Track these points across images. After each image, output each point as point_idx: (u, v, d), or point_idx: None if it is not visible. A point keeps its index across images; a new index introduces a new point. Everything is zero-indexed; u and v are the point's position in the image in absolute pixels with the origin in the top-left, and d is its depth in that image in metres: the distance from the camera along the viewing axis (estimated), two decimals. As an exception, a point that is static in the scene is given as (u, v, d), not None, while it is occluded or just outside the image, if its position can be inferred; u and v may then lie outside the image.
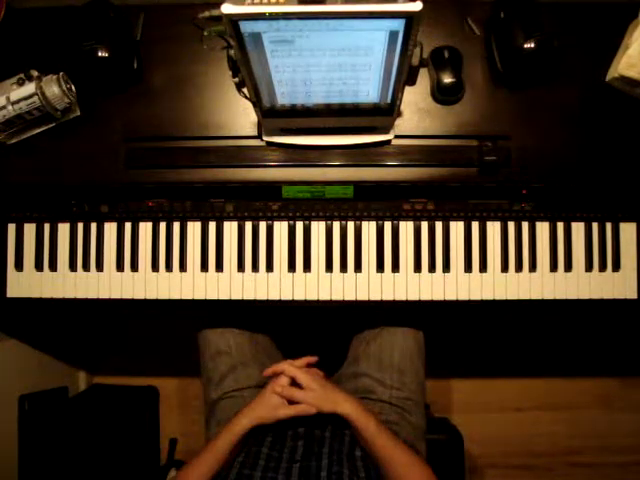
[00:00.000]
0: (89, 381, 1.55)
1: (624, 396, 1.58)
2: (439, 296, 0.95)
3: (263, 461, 0.77)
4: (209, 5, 0.91)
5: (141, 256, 0.96)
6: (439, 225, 0.95)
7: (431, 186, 0.93)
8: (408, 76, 0.74)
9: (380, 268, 0.95)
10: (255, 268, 0.95)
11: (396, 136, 0.92)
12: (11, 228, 0.97)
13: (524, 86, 0.93)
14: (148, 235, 0.96)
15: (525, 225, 0.95)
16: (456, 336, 1.56)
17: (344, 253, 0.95)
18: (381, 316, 1.00)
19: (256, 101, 0.79)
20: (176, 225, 0.96)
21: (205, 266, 0.95)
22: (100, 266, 0.96)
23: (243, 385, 0.97)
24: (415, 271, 0.95)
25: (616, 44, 0.92)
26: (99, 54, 0.87)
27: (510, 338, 1.57)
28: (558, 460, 1.58)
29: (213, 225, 0.96)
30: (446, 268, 0.95)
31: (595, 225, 0.95)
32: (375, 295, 0.95)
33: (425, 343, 1.00)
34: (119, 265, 0.96)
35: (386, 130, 0.91)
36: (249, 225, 0.96)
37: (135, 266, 0.96)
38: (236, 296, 0.95)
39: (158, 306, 0.96)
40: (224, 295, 0.95)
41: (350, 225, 0.96)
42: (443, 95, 0.92)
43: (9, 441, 1.13)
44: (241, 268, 0.95)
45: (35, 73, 0.89)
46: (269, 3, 0.59)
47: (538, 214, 0.94)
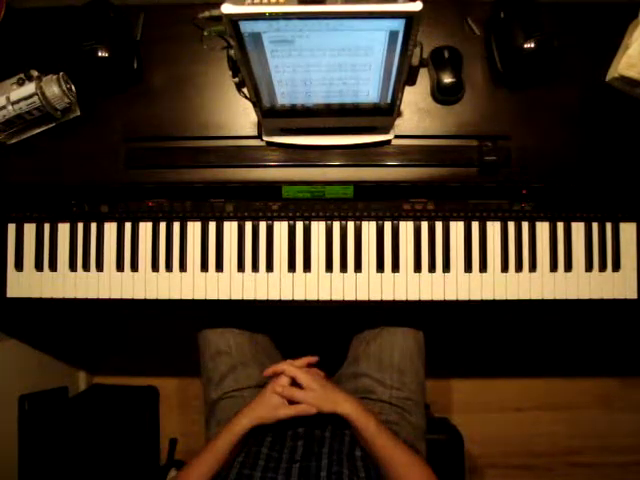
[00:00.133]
0: (89, 381, 1.55)
1: (624, 396, 1.58)
2: (439, 296, 0.95)
3: (263, 461, 0.77)
4: (209, 5, 0.91)
5: (141, 256, 0.96)
6: (439, 225, 0.95)
7: (431, 186, 0.93)
8: (408, 76, 0.74)
9: (380, 268, 0.95)
10: (255, 268, 0.95)
11: (396, 136, 0.92)
12: (11, 228, 0.97)
13: (524, 86, 0.93)
14: (148, 235, 0.96)
15: (525, 225, 0.95)
16: (456, 336, 1.56)
17: (344, 253, 0.95)
18: (381, 316, 1.00)
19: (256, 101, 0.79)
20: (176, 225, 0.96)
21: (205, 266, 0.95)
22: (100, 266, 0.96)
23: (243, 385, 0.97)
24: (415, 271, 0.95)
25: (616, 44, 0.92)
26: (99, 54, 0.87)
27: (510, 338, 1.57)
28: (558, 460, 1.58)
29: (213, 225, 0.96)
30: (446, 268, 0.95)
31: (595, 225, 0.95)
32: (375, 295, 0.95)
33: (425, 343, 1.01)
34: (119, 265, 0.96)
35: (386, 130, 0.91)
36: (249, 225, 0.96)
37: (135, 266, 0.96)
38: (236, 296, 0.95)
39: (158, 306, 0.96)
40: (224, 295, 0.95)
41: (350, 225, 0.96)
42: (443, 95, 0.92)
43: (9, 441, 1.13)
44: (241, 268, 0.95)
45: (35, 73, 0.89)
46: (269, 3, 0.59)
47: (538, 214, 0.94)
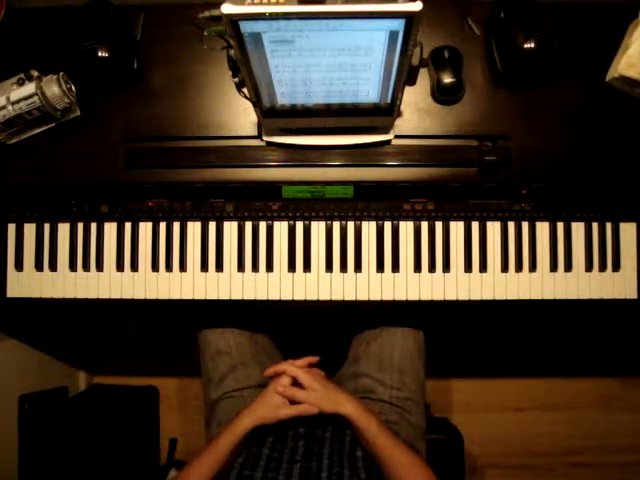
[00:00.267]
0: (89, 381, 1.55)
1: (624, 396, 1.58)
2: (439, 296, 0.95)
3: (264, 462, 0.77)
4: (209, 5, 0.91)
5: (141, 256, 0.96)
6: (439, 225, 0.95)
7: (431, 186, 0.93)
8: (408, 76, 0.74)
9: (380, 268, 0.95)
10: (255, 268, 0.95)
11: (396, 136, 0.92)
12: (11, 228, 0.97)
13: (524, 86, 0.93)
14: (148, 235, 0.96)
15: (525, 225, 0.95)
16: (456, 336, 1.56)
17: (344, 253, 0.95)
18: (381, 316, 1.00)
19: (256, 101, 0.79)
20: (176, 225, 0.96)
21: (205, 266, 0.95)
22: (100, 266, 0.96)
23: (243, 385, 0.97)
24: (415, 271, 0.95)
25: (616, 44, 0.92)
26: (99, 54, 0.87)
27: (510, 338, 1.57)
28: (558, 460, 1.58)
29: (213, 225, 0.96)
30: (446, 268, 0.95)
31: (595, 225, 0.95)
32: (375, 295, 0.95)
33: (425, 343, 1.01)
34: (119, 265, 0.96)
35: (386, 130, 0.91)
36: (249, 225, 0.96)
37: (135, 266, 0.96)
38: (236, 296, 0.95)
39: (158, 306, 0.96)
40: (224, 295, 0.95)
41: (350, 225, 0.96)
42: (443, 95, 0.92)
43: (9, 441, 1.13)
44: (241, 268, 0.95)
45: (35, 73, 0.89)
46: (269, 3, 0.59)
47: (538, 214, 0.94)
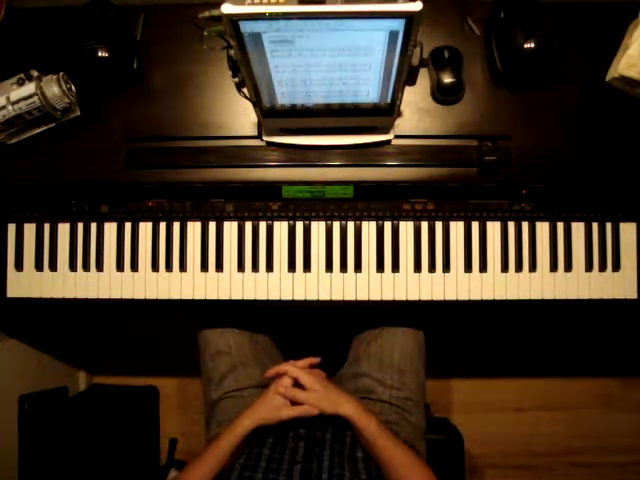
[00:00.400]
0: (89, 381, 1.55)
1: (624, 396, 1.58)
2: (439, 296, 0.95)
3: (264, 462, 0.77)
4: (209, 5, 0.91)
5: (141, 256, 0.96)
6: (439, 225, 0.95)
7: (431, 186, 0.93)
8: (408, 76, 0.74)
9: (380, 268, 0.95)
10: (255, 268, 0.95)
11: (396, 136, 0.92)
12: (11, 228, 0.97)
13: (524, 86, 0.93)
14: (148, 235, 0.96)
15: (525, 225, 0.95)
16: (456, 336, 1.56)
17: (344, 253, 0.95)
18: (381, 316, 1.00)
19: (256, 101, 0.79)
20: (176, 225, 0.96)
21: (205, 266, 0.95)
22: (100, 266, 0.96)
23: (243, 385, 0.97)
24: (415, 271, 0.95)
25: (616, 44, 0.92)
26: (99, 54, 0.87)
27: (510, 338, 1.57)
28: (558, 460, 1.58)
29: (213, 225, 0.96)
30: (446, 268, 0.95)
31: (595, 225, 0.95)
32: (375, 295, 0.95)
33: (425, 343, 1.01)
34: (119, 265, 0.96)
35: (386, 130, 0.91)
36: (249, 225, 0.96)
37: (135, 266, 0.96)
38: (236, 296, 0.95)
39: (158, 306, 0.96)
40: (224, 295, 0.95)
41: (350, 225, 0.96)
42: (443, 95, 0.92)
43: (9, 441, 1.13)
44: (241, 268, 0.95)
45: (35, 73, 0.89)
46: (269, 3, 0.59)
47: (538, 214, 0.94)
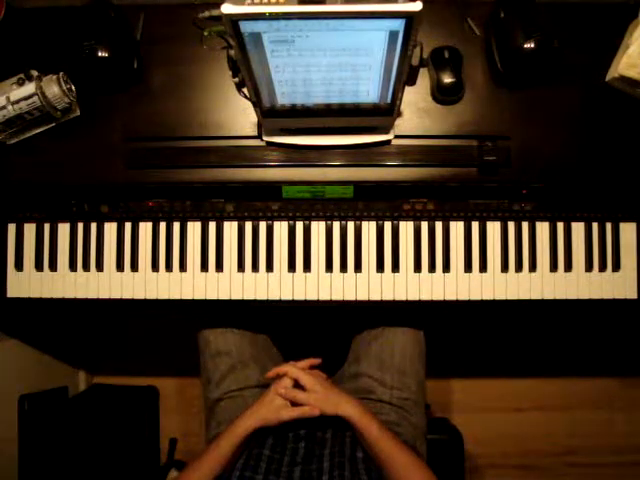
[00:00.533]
0: (89, 381, 1.55)
1: (624, 396, 1.58)
2: (439, 296, 0.95)
3: (264, 463, 0.77)
4: (209, 5, 0.91)
5: (141, 256, 0.96)
6: (439, 225, 0.95)
7: (431, 186, 0.93)
8: (408, 76, 0.74)
9: (380, 268, 0.95)
10: (255, 268, 0.95)
11: (396, 136, 0.92)
12: (11, 228, 0.97)
13: (524, 86, 0.93)
14: (148, 235, 0.96)
15: (525, 225, 0.95)
16: (456, 336, 1.56)
17: (344, 253, 0.95)
18: (381, 316, 1.00)
19: (256, 101, 0.79)
20: (176, 225, 0.96)
21: (205, 266, 0.95)
22: (100, 266, 0.96)
23: (243, 385, 0.97)
24: (415, 271, 0.95)
25: (616, 44, 0.92)
26: (99, 54, 0.87)
27: (510, 338, 1.57)
28: (558, 460, 1.58)
29: (213, 225, 0.96)
30: (446, 268, 0.95)
31: (595, 225, 0.95)
32: (375, 295, 0.95)
33: (425, 343, 1.00)
34: (119, 265, 0.96)
35: (386, 130, 0.91)
36: (249, 225, 0.96)
37: (135, 266, 0.96)
38: (236, 296, 0.95)
39: (158, 306, 0.96)
40: (224, 295, 0.95)
41: (350, 225, 0.96)
42: (443, 95, 0.92)
43: (9, 441, 1.13)
44: (241, 268, 0.95)
45: (35, 73, 0.89)
46: (269, 3, 0.59)
47: (538, 214, 0.94)
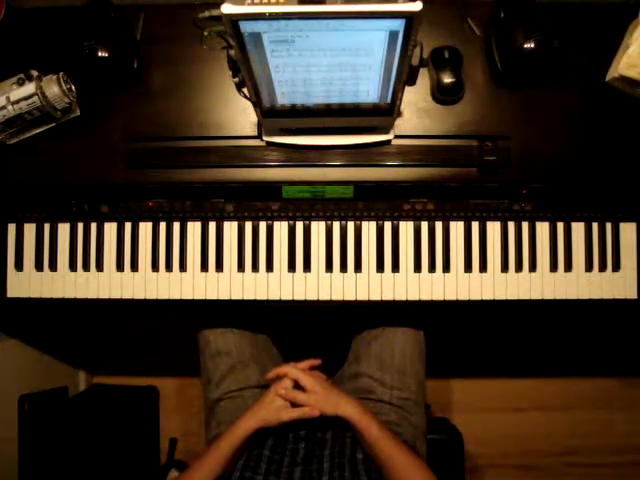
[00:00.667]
0: (89, 381, 1.55)
1: (624, 396, 1.58)
2: (439, 296, 0.95)
3: (265, 464, 0.77)
4: (209, 5, 0.91)
5: (141, 256, 0.96)
6: (439, 225, 0.95)
7: (431, 186, 0.93)
8: (408, 76, 0.74)
9: (380, 268, 0.95)
10: (255, 268, 0.95)
11: (396, 136, 0.92)
12: (11, 228, 0.97)
13: (524, 86, 0.93)
14: (148, 235, 0.96)
15: (525, 225, 0.95)
16: (456, 336, 1.56)
17: (344, 253, 0.95)
18: (381, 316, 1.00)
19: (256, 101, 0.79)
20: (176, 225, 0.96)
21: (205, 266, 0.95)
22: (100, 266, 0.96)
23: (243, 385, 0.97)
24: (415, 271, 0.95)
25: (616, 44, 0.92)
26: (99, 54, 0.87)
27: (510, 338, 1.57)
28: (558, 460, 1.58)
29: (213, 225, 0.96)
30: (446, 268, 0.95)
31: (595, 225, 0.95)
32: (375, 295, 0.95)
33: (425, 343, 1.00)
34: (119, 265, 0.96)
35: (386, 130, 0.91)
36: (249, 225, 0.96)
37: (135, 266, 0.96)
38: (236, 296, 0.95)
39: (158, 306, 0.96)
40: (224, 295, 0.95)
41: (350, 225, 0.96)
42: (443, 95, 0.92)
43: (9, 441, 1.13)
44: (241, 268, 0.95)
45: (35, 73, 0.89)
46: (269, 3, 0.59)
47: (538, 214, 0.94)
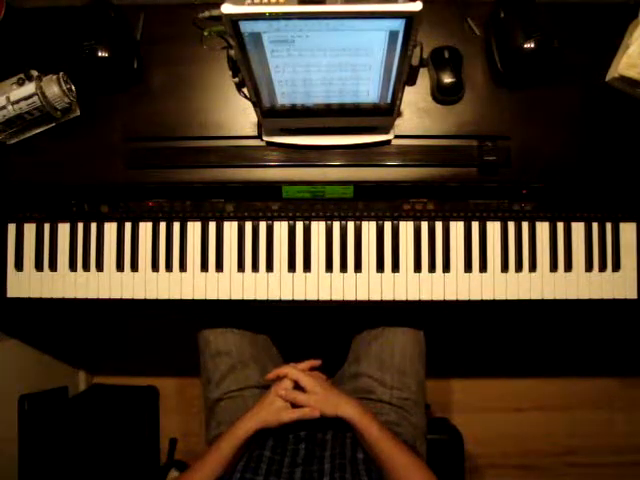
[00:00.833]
0: (89, 381, 1.55)
1: (624, 396, 1.58)
2: (439, 296, 0.95)
3: (265, 465, 0.77)
4: (209, 5, 0.91)
5: (141, 256, 0.96)
6: (439, 225, 0.95)
7: (431, 186, 0.93)
8: (408, 76, 0.74)
9: (380, 268, 0.95)
10: (255, 268, 0.95)
11: (396, 136, 0.92)
12: (11, 228, 0.97)
13: (524, 86, 0.93)
14: (148, 235, 0.96)
15: (525, 225, 0.95)
16: (456, 336, 1.56)
17: (344, 253, 0.95)
18: (381, 316, 1.00)
19: (256, 101, 0.79)
20: (176, 225, 0.96)
21: (205, 266, 0.95)
22: (100, 266, 0.96)
23: (243, 385, 0.97)
24: (415, 271, 0.95)
25: (616, 44, 0.92)
26: (99, 54, 0.87)
27: (510, 338, 1.57)
28: (558, 460, 1.58)
29: (213, 225, 0.96)
30: (446, 268, 0.95)
31: (595, 225, 0.95)
32: (375, 295, 0.95)
33: (425, 343, 1.00)
34: (119, 265, 0.96)
35: (386, 130, 0.91)
36: (249, 225, 0.96)
37: (135, 266, 0.96)
38: (236, 296, 0.95)
39: (158, 306, 0.96)
40: (224, 295, 0.95)
41: (350, 225, 0.96)
42: (443, 95, 0.92)
43: (9, 441, 1.13)
44: (241, 268, 0.95)
45: (35, 73, 0.89)
46: (269, 3, 0.59)
47: (538, 214, 0.94)
